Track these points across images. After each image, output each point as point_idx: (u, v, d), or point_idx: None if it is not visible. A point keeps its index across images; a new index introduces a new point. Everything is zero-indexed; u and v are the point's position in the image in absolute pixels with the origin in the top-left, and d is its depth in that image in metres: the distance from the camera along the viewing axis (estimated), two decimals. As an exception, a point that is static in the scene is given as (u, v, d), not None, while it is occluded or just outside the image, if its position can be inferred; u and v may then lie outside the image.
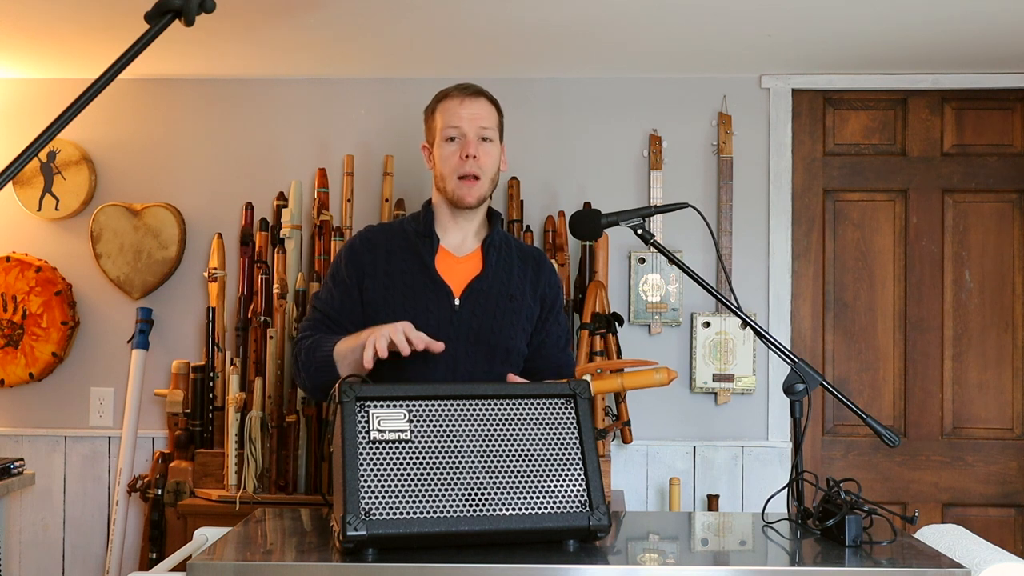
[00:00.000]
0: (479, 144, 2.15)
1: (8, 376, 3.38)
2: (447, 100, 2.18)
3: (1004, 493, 3.38)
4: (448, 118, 2.15)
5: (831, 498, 1.76)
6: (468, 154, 2.13)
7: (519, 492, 1.61)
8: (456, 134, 2.15)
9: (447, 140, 2.16)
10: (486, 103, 2.19)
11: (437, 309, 2.12)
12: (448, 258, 2.20)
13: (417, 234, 2.21)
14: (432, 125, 2.21)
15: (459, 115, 2.14)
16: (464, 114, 2.15)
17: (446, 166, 2.15)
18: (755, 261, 3.38)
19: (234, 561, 1.56)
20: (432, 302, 2.13)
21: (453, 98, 2.17)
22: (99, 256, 3.40)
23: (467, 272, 2.19)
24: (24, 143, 2.98)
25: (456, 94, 2.18)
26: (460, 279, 2.17)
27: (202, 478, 3.16)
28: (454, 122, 2.15)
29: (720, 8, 2.77)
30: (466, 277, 2.18)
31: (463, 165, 2.13)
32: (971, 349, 3.40)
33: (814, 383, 1.91)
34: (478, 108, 2.16)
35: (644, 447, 3.35)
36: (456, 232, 2.22)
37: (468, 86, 2.20)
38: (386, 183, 3.35)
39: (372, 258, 2.17)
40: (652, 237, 2.10)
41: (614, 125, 3.41)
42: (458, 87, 2.20)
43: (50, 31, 3.00)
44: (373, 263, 2.17)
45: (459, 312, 2.13)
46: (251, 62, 3.32)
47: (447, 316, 2.12)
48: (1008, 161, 3.41)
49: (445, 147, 2.16)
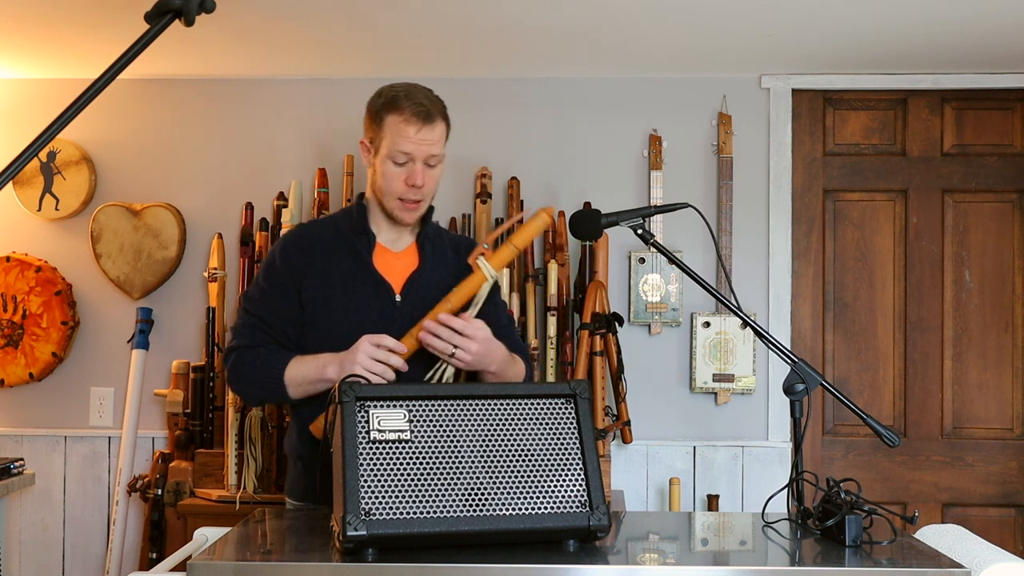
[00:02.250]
0: (425, 171, 2.10)
1: (8, 376, 3.38)
2: (400, 119, 2.07)
3: (1004, 493, 3.38)
4: (398, 141, 2.07)
5: (831, 498, 1.76)
6: (414, 183, 2.08)
7: (519, 492, 1.61)
8: (405, 159, 2.08)
9: (394, 162, 2.09)
10: (439, 126, 2.11)
11: (378, 306, 2.12)
12: (385, 253, 2.18)
13: (352, 231, 2.17)
14: (378, 133, 2.11)
15: (412, 141, 2.07)
16: (418, 140, 2.07)
17: (389, 185, 2.10)
18: (755, 261, 3.38)
19: (234, 561, 1.56)
20: (373, 298, 2.12)
21: (409, 122, 2.06)
22: (99, 256, 3.40)
23: (405, 267, 2.18)
24: (24, 143, 2.98)
25: (411, 117, 2.06)
26: (399, 274, 2.16)
27: (202, 478, 3.16)
28: (405, 148, 2.07)
29: (720, 8, 2.77)
30: (404, 272, 2.17)
31: (408, 192, 2.10)
32: (971, 349, 3.40)
33: (814, 383, 1.91)
34: (432, 134, 2.09)
35: (644, 447, 3.35)
36: (391, 228, 2.20)
37: (425, 108, 2.08)
38: (386, 183, 3.34)
39: (309, 257, 2.13)
40: (652, 237, 2.10)
41: (614, 125, 3.41)
42: (412, 105, 2.07)
43: (50, 31, 3.00)
44: (310, 262, 2.13)
45: (400, 307, 2.13)
46: (251, 62, 3.32)
47: (389, 312, 2.12)
48: (1008, 161, 3.41)
49: (390, 166, 2.09)
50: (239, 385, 2.16)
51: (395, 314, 2.12)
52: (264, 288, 2.16)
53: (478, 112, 3.42)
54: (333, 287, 2.12)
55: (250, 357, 2.10)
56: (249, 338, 2.13)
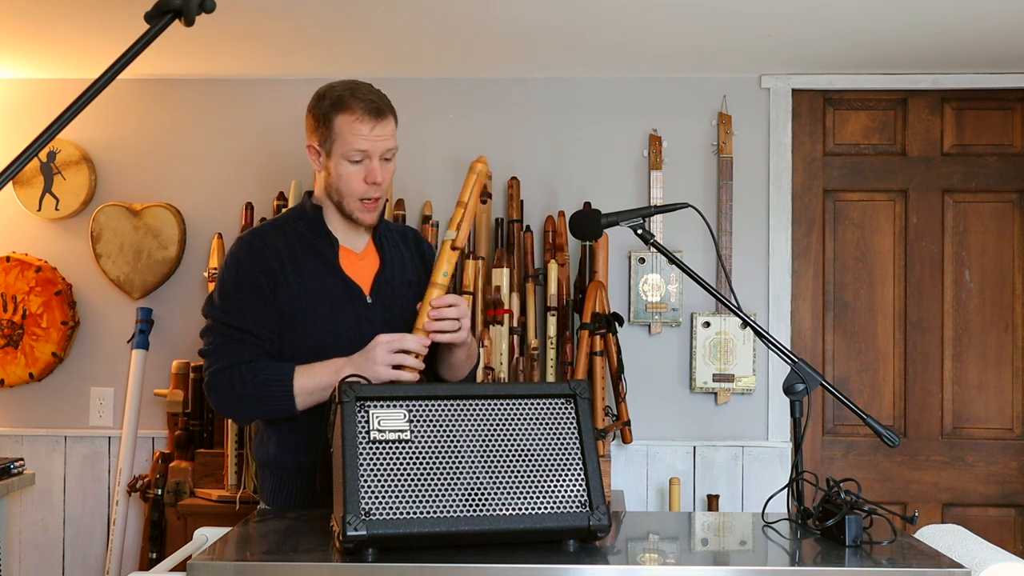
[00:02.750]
0: (382, 166, 2.08)
1: (8, 376, 3.38)
2: (352, 118, 2.04)
3: (1004, 493, 3.38)
4: (354, 140, 2.04)
5: (831, 498, 1.76)
6: (375, 181, 2.06)
7: (519, 492, 1.61)
8: (361, 157, 2.06)
9: (351, 161, 2.06)
10: (390, 120, 2.09)
11: (353, 310, 2.10)
12: (350, 255, 2.16)
13: (312, 234, 2.13)
14: (328, 135, 2.07)
15: (367, 139, 2.04)
16: (373, 137, 2.05)
17: (347, 186, 2.07)
18: (755, 261, 3.38)
19: (234, 561, 1.56)
20: (347, 303, 2.10)
21: (362, 120, 2.04)
22: (99, 256, 3.40)
23: (368, 268, 2.16)
24: (24, 143, 2.98)
25: (363, 115, 2.04)
26: (365, 276, 2.14)
27: (202, 478, 3.16)
28: (361, 145, 2.04)
29: (720, 8, 2.77)
30: (369, 273, 2.15)
31: (368, 190, 2.07)
32: (971, 349, 3.40)
33: (814, 383, 1.91)
34: (386, 130, 2.07)
35: (644, 447, 3.35)
36: (347, 229, 2.17)
37: (375, 104, 2.06)
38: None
39: (279, 264, 2.08)
40: (652, 237, 2.10)
41: (614, 125, 3.41)
42: (362, 103, 2.05)
43: (50, 31, 3.00)
44: (282, 268, 2.08)
45: (372, 309, 2.12)
46: (251, 62, 3.32)
47: (363, 315, 2.11)
48: (1008, 161, 3.41)
49: (346, 167, 2.06)
50: (237, 404, 2.04)
51: (368, 315, 2.11)
52: (242, 298, 2.06)
53: (478, 112, 3.42)
54: (308, 295, 2.08)
55: (247, 374, 2.00)
56: (236, 355, 2.03)
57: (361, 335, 2.04)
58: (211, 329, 2.08)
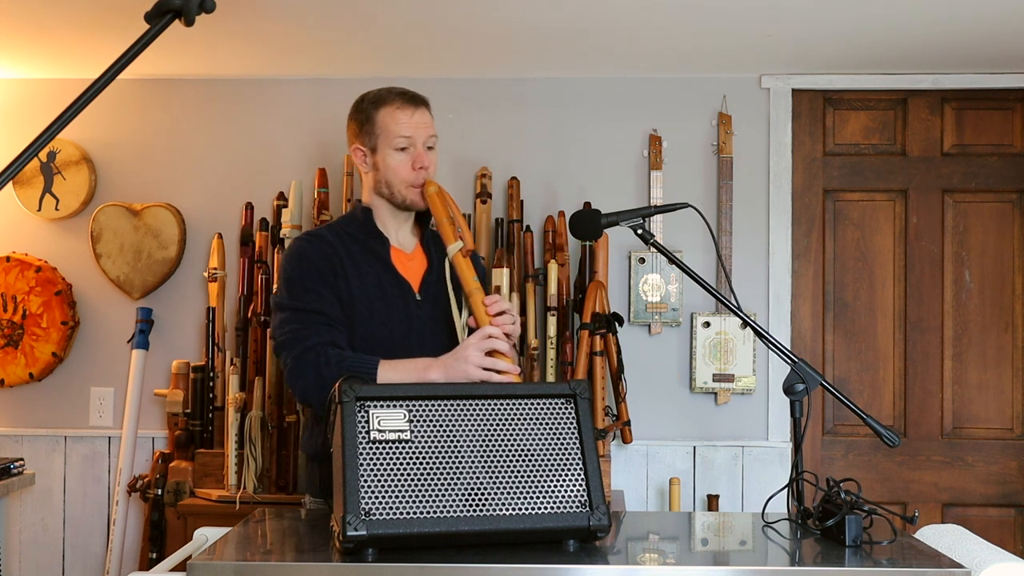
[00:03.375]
0: (427, 153, 2.20)
1: (8, 376, 3.38)
2: (392, 108, 2.18)
3: (1004, 493, 3.38)
4: (397, 127, 2.17)
5: (831, 498, 1.76)
6: (422, 165, 2.17)
7: (519, 492, 1.61)
8: (407, 144, 2.17)
9: (397, 150, 2.17)
10: (427, 111, 2.22)
11: (404, 305, 2.18)
12: (400, 255, 2.25)
13: (365, 235, 2.22)
14: (372, 131, 2.19)
15: (409, 125, 2.17)
16: (415, 124, 2.18)
17: (396, 176, 2.18)
18: (755, 261, 3.38)
19: (234, 561, 1.56)
20: (399, 299, 2.18)
21: (402, 108, 2.18)
22: (99, 256, 3.40)
23: (417, 267, 2.25)
24: (24, 143, 2.98)
25: (403, 103, 2.18)
26: (414, 274, 2.23)
27: (202, 478, 3.16)
28: (405, 132, 2.17)
29: (720, 8, 2.77)
30: (418, 272, 2.24)
31: (417, 175, 2.17)
32: (971, 349, 3.40)
33: (814, 383, 1.91)
34: (425, 118, 2.20)
35: (644, 447, 3.35)
36: (398, 230, 2.27)
37: (411, 94, 2.21)
38: (386, 183, 3.35)
39: (337, 258, 2.16)
40: (652, 237, 2.10)
41: (614, 125, 3.41)
42: (400, 95, 2.20)
43: (50, 31, 3.00)
44: (340, 262, 2.16)
45: (421, 306, 2.20)
46: (251, 62, 3.32)
47: (414, 311, 2.19)
48: (1008, 161, 3.41)
49: (394, 156, 2.18)
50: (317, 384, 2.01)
51: (418, 312, 2.18)
52: (310, 286, 2.11)
53: (478, 112, 3.42)
54: (365, 290, 2.15)
55: (333, 357, 2.02)
56: (318, 336, 2.06)
57: (411, 330, 2.14)
58: (286, 320, 2.11)
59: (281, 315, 2.12)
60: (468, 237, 2.13)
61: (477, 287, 2.10)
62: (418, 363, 2.03)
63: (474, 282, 2.11)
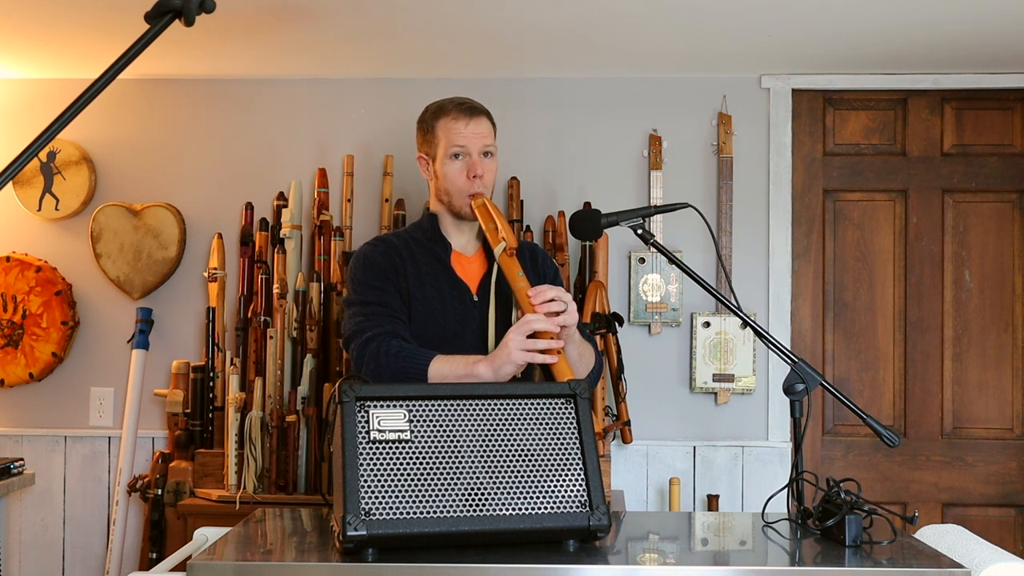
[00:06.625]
0: (482, 161, 2.24)
1: (8, 376, 3.38)
2: (449, 118, 2.25)
3: (1004, 493, 3.38)
4: (453, 137, 2.24)
5: (831, 498, 1.76)
6: (476, 174, 2.23)
7: (519, 492, 1.61)
8: (462, 152, 2.24)
9: (452, 158, 2.24)
10: (486, 120, 2.28)
11: (460, 306, 2.24)
12: (460, 258, 2.31)
13: (429, 240, 2.30)
14: (432, 140, 2.28)
15: (464, 135, 2.23)
16: (469, 134, 2.23)
17: (453, 185, 2.25)
18: (755, 261, 3.38)
19: (234, 561, 1.56)
20: (456, 299, 2.24)
21: (457, 118, 2.24)
22: (99, 256, 3.40)
23: (477, 270, 2.30)
24: (24, 143, 2.98)
25: (458, 114, 2.25)
26: (473, 277, 2.29)
27: (202, 478, 3.16)
28: (460, 141, 2.23)
29: (720, 8, 2.77)
30: (477, 274, 2.29)
31: (471, 185, 2.23)
32: (971, 349, 3.40)
33: (814, 383, 1.91)
34: (481, 127, 2.25)
35: (644, 447, 3.35)
36: (460, 236, 2.33)
37: (469, 104, 2.27)
38: (386, 183, 3.35)
39: (401, 261, 2.25)
40: (652, 237, 2.10)
41: (614, 125, 3.41)
42: (458, 105, 2.27)
43: (50, 31, 3.00)
44: (404, 265, 2.25)
45: (478, 306, 2.25)
46: (251, 62, 3.32)
47: (470, 311, 2.24)
48: (1008, 161, 3.41)
49: (451, 164, 2.24)
50: (375, 371, 2.10)
51: (474, 312, 2.24)
52: (375, 284, 2.21)
53: (478, 112, 3.42)
54: (423, 286, 2.23)
55: (394, 347, 2.10)
56: (380, 326, 2.14)
57: (466, 329, 2.22)
58: (352, 315, 2.21)
59: (348, 311, 2.23)
60: (511, 237, 2.17)
61: (523, 281, 2.14)
62: (469, 358, 2.08)
63: (519, 277, 2.15)
